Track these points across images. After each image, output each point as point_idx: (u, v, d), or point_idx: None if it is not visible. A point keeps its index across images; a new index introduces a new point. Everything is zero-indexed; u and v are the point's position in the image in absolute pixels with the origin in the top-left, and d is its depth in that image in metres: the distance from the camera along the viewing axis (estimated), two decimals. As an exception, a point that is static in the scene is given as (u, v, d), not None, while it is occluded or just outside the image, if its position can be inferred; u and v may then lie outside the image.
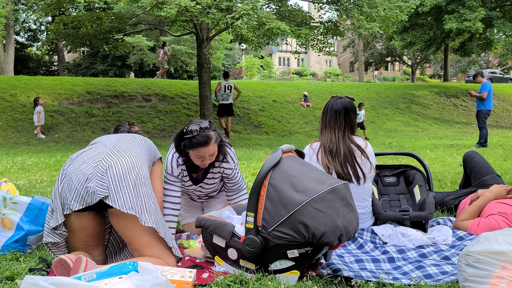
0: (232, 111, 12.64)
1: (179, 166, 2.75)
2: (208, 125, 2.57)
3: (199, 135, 2.53)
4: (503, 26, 18.63)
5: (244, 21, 9.65)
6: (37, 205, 2.70)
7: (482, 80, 9.67)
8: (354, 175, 2.84)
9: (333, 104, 2.94)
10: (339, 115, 2.91)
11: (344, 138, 2.89)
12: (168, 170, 2.76)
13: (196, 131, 2.52)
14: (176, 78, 28.23)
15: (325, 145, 2.88)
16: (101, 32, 13.04)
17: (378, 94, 19.89)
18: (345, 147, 2.87)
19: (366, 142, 2.98)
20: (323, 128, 2.96)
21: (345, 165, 2.84)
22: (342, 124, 2.91)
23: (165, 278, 1.70)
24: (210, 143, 2.55)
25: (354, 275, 2.11)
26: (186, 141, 2.56)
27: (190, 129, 2.53)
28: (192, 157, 2.61)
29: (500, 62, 40.83)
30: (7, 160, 7.50)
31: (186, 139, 2.55)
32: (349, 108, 2.93)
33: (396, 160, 7.03)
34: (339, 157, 2.84)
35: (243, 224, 2.30)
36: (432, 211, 2.82)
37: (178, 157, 2.73)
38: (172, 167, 2.75)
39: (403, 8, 11.88)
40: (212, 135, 2.57)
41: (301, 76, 40.68)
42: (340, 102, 2.95)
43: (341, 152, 2.85)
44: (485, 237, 1.76)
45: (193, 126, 2.54)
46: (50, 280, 1.53)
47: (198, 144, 2.52)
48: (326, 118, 2.95)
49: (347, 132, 2.91)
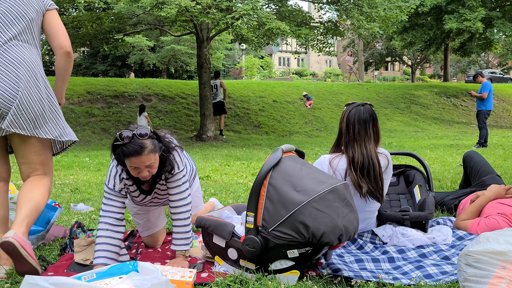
0: (223, 109, 12.76)
1: (122, 181, 2.37)
2: (145, 132, 2.22)
3: (131, 143, 2.18)
4: (503, 26, 18.63)
5: (244, 21, 9.65)
6: (37, 205, 2.70)
7: (482, 80, 9.68)
8: (381, 193, 2.64)
9: (360, 113, 2.63)
10: (368, 124, 2.63)
11: (375, 151, 2.64)
12: (110, 185, 2.37)
13: (128, 137, 2.18)
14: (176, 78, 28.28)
15: (356, 160, 2.58)
16: (101, 32, 13.04)
17: (378, 94, 19.89)
18: (377, 162, 2.61)
19: (388, 158, 2.74)
20: (349, 140, 2.63)
21: (377, 181, 2.60)
22: (372, 135, 2.64)
23: (165, 278, 1.70)
24: (143, 152, 2.18)
25: (354, 275, 2.11)
26: (119, 149, 2.22)
27: (122, 136, 2.20)
28: (128, 168, 2.27)
29: (500, 62, 40.83)
30: (7, 160, 7.49)
31: (118, 146, 2.22)
32: (375, 116, 2.68)
33: (396, 160, 7.03)
34: (372, 172, 2.59)
35: (243, 224, 2.30)
36: (432, 211, 2.81)
37: (122, 171, 2.36)
38: (114, 182, 2.37)
39: (403, 8, 11.89)
40: (146, 143, 2.20)
41: (301, 76, 40.68)
42: (366, 110, 2.65)
43: (375, 167, 2.59)
44: (485, 237, 1.76)
45: (125, 132, 2.21)
46: (50, 280, 1.53)
47: (129, 154, 2.17)
48: (354, 129, 2.62)
49: (374, 144, 2.66)
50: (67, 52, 2.28)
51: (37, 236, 2.66)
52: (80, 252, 2.44)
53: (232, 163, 7.34)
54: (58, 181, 5.37)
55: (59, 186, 5.00)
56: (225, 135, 13.04)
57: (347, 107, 2.72)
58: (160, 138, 2.33)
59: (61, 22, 2.31)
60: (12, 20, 2.18)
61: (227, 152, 9.34)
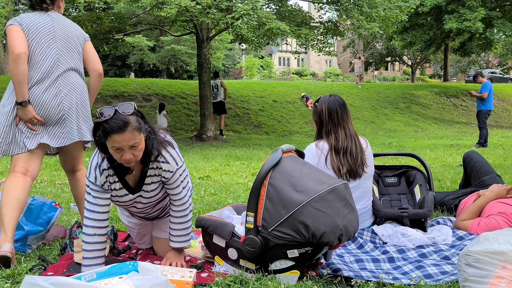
0: (224, 109, 12.81)
1: (104, 171, 2.17)
2: (128, 108, 2.04)
3: (112, 118, 1.99)
4: (503, 26, 18.64)
5: (244, 21, 9.65)
6: (38, 205, 2.70)
7: (482, 80, 9.68)
8: (361, 169, 2.84)
9: (336, 101, 2.89)
10: (346, 108, 2.90)
11: (354, 130, 2.90)
12: (91, 178, 2.17)
13: (109, 115, 2.00)
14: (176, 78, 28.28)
15: (341, 144, 2.81)
16: (101, 32, 13.04)
17: (378, 94, 19.89)
18: (357, 139, 2.88)
19: (366, 140, 2.99)
20: (333, 126, 2.85)
21: (358, 157, 2.82)
22: (350, 117, 2.90)
23: (165, 278, 1.70)
24: (126, 129, 1.99)
25: (354, 275, 2.11)
26: (100, 129, 2.03)
27: (102, 112, 2.01)
28: (110, 151, 2.06)
29: (500, 62, 40.83)
30: (7, 160, 7.49)
31: (99, 125, 2.03)
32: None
33: (397, 160, 7.03)
34: (354, 149, 2.82)
35: (243, 224, 2.30)
36: (431, 209, 2.82)
37: (103, 160, 2.17)
38: (95, 174, 2.16)
39: (403, 8, 11.88)
40: (130, 119, 2.01)
41: (301, 76, 40.67)
42: (338, 97, 2.92)
43: (357, 144, 2.85)
44: (485, 237, 1.76)
45: (106, 109, 2.02)
46: (50, 280, 1.53)
47: (111, 130, 1.98)
48: (338, 115, 2.85)
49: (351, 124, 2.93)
50: (100, 74, 2.83)
51: (37, 236, 2.66)
52: (80, 252, 2.44)
53: (232, 163, 7.34)
54: (58, 181, 5.37)
55: (59, 186, 5.00)
56: (225, 135, 13.04)
57: (320, 101, 2.93)
58: (146, 118, 2.15)
59: (95, 50, 2.88)
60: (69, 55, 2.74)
61: (227, 152, 9.34)
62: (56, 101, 2.61)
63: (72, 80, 2.71)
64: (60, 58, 2.68)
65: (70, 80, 2.70)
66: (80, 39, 2.81)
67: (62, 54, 2.69)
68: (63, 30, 2.73)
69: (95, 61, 2.83)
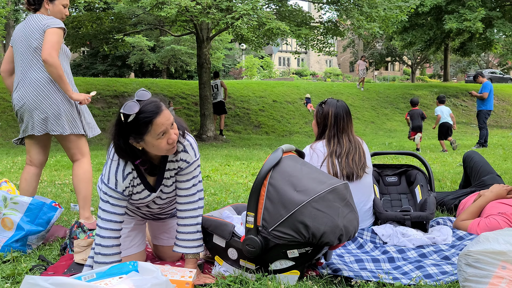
0: (224, 109, 12.80)
1: (128, 176, 2.04)
2: (145, 92, 1.92)
3: (144, 106, 1.86)
4: (503, 26, 18.63)
5: (244, 21, 9.65)
6: (38, 205, 2.70)
7: (482, 80, 9.68)
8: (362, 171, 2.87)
9: (343, 107, 2.91)
10: (351, 116, 2.94)
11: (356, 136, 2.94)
12: (111, 184, 2.03)
13: (136, 105, 1.85)
14: (176, 78, 28.26)
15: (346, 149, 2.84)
16: (101, 32, 13.05)
17: (378, 94, 19.89)
18: (361, 145, 2.92)
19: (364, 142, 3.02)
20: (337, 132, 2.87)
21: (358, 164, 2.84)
22: (353, 126, 2.96)
23: (165, 278, 1.70)
24: (162, 107, 1.90)
25: (354, 275, 2.11)
26: (132, 126, 1.87)
27: (129, 107, 1.84)
28: (153, 145, 1.92)
29: (500, 62, 40.82)
30: (7, 160, 7.50)
31: (132, 123, 1.86)
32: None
33: (397, 160, 7.03)
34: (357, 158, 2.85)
35: (243, 224, 2.30)
36: (433, 212, 2.82)
37: (124, 166, 2.03)
38: (116, 179, 2.02)
39: (403, 8, 11.89)
40: (156, 99, 1.92)
41: (301, 76, 40.68)
42: (344, 104, 2.94)
43: (360, 151, 2.88)
44: (485, 237, 1.76)
45: (128, 107, 1.85)
46: (50, 280, 1.53)
47: (151, 116, 1.86)
48: (344, 121, 2.89)
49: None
50: (45, 62, 2.82)
51: (37, 236, 2.66)
52: (80, 253, 2.44)
53: (232, 163, 7.34)
54: (58, 181, 5.37)
55: (59, 186, 5.00)
56: (225, 135, 13.04)
57: (327, 103, 2.92)
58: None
59: (50, 38, 2.87)
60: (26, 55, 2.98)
61: (227, 152, 9.34)
62: (20, 102, 2.96)
63: (28, 79, 2.93)
64: (22, 61, 2.95)
65: (26, 80, 2.93)
66: (40, 32, 2.90)
67: (23, 57, 2.94)
68: (23, 33, 2.95)
69: (43, 50, 2.84)
